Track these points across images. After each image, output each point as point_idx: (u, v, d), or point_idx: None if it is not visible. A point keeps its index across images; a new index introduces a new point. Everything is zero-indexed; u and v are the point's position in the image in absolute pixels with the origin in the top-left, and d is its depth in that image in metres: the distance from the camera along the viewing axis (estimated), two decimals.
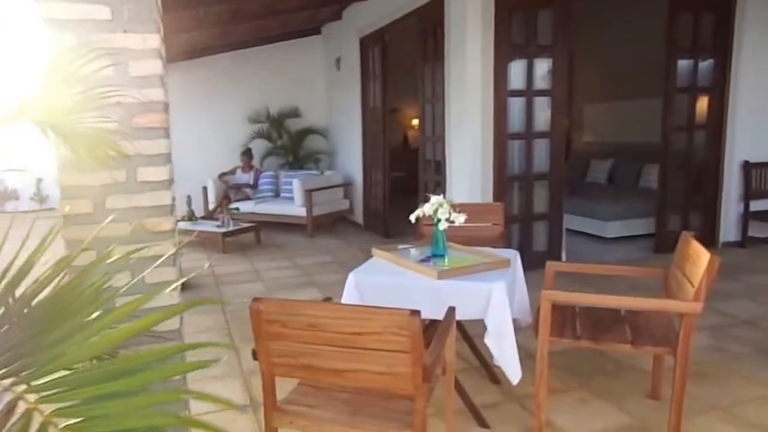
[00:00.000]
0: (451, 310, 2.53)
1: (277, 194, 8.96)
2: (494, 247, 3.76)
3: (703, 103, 6.57)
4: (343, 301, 2.97)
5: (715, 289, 5.10)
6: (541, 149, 5.88)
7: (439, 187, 6.06)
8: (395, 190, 8.04)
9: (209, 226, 7.53)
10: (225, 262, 6.80)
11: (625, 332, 2.85)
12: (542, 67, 5.72)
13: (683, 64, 6.31)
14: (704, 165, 6.64)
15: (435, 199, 3.20)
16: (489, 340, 2.79)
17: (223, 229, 7.30)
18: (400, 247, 3.46)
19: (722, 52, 6.33)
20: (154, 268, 2.00)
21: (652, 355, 3.19)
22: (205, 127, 9.60)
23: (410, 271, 3.01)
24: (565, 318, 3.03)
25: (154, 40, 1.97)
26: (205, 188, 8.95)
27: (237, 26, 8.08)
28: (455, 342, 2.65)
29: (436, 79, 6.09)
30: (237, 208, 8.00)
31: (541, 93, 5.75)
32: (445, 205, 3.17)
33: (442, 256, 3.24)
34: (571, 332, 2.87)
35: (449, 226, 4.37)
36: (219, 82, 9.63)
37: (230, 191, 8.82)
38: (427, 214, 3.17)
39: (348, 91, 8.83)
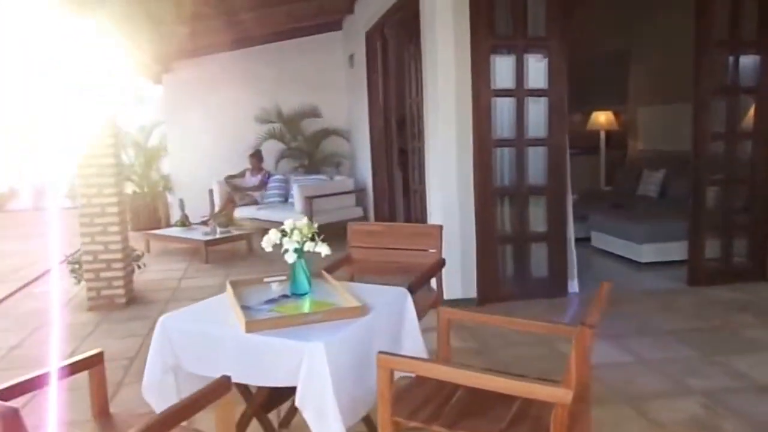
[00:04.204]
0: (223, 380, 1.84)
1: (285, 199, 8.43)
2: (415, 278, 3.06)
3: (748, 107, 5.45)
4: (150, 350, 2.36)
5: (741, 337, 4.11)
6: (538, 158, 5.00)
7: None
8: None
9: (197, 234, 7.11)
10: (201, 273, 6.33)
11: (506, 416, 2.05)
12: (536, 63, 4.85)
13: (720, 60, 5.24)
14: (753, 180, 5.48)
15: (289, 223, 2.51)
16: (307, 415, 2.08)
17: (207, 238, 6.84)
18: (267, 279, 2.80)
19: None
20: None
21: None
22: (215, 128, 9.24)
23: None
24: (441, 389, 2.26)
25: None
26: (211, 191, 8.57)
27: (239, 18, 7.61)
28: None
29: (419, 77, 5.34)
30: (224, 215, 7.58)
31: (535, 93, 4.88)
32: (298, 232, 2.47)
33: (304, 294, 2.55)
34: (430, 412, 2.11)
35: (377, 251, 3.72)
36: (230, 80, 9.24)
37: (235, 195, 8.40)
38: (273, 242, 2.49)
39: (359, 90, 8.20)
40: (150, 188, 9.47)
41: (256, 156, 8.68)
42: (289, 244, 2.46)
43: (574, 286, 5.15)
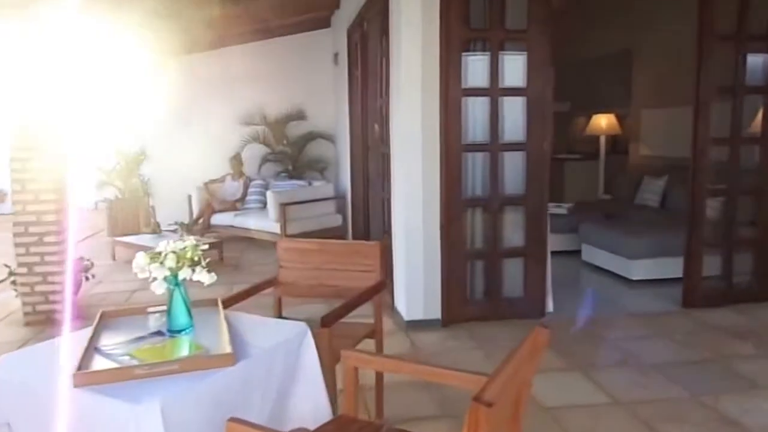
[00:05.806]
0: None
1: (264, 205, 7.98)
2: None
3: (755, 109, 4.94)
4: None
5: (736, 371, 3.50)
6: (515, 165, 4.52)
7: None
8: None
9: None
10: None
11: None
12: (514, 58, 4.38)
13: (725, 56, 4.70)
14: (760, 189, 4.97)
15: (163, 244, 2.08)
16: None
17: None
18: (151, 309, 2.35)
19: None
20: None
21: None
22: (196, 131, 8.78)
23: None
24: None
25: None
26: (190, 197, 8.16)
27: (222, 13, 7.20)
28: None
29: (388, 74, 4.88)
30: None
31: (512, 92, 4.40)
32: (173, 257, 2.03)
33: (183, 330, 2.10)
34: None
35: (310, 271, 3.31)
36: (213, 81, 8.79)
37: (214, 201, 7.98)
38: (142, 268, 2.05)
39: (341, 90, 7.74)
40: (131, 194, 9.09)
41: (237, 159, 8.27)
42: (158, 272, 2.02)
43: (549, 305, 4.66)
